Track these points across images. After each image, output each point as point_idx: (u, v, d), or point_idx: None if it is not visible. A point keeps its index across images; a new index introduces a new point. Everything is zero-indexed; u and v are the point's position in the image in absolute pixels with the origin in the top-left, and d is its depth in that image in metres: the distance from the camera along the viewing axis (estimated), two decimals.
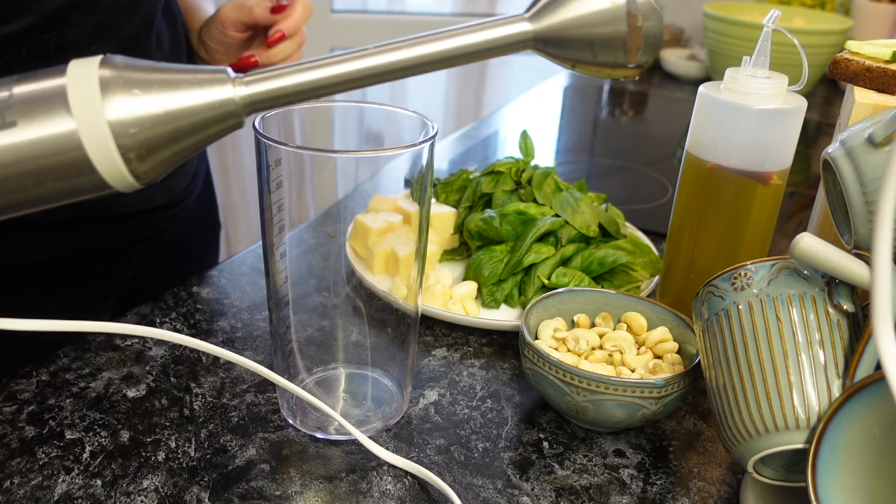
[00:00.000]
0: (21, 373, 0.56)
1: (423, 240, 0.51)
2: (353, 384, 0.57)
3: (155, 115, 0.33)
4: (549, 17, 0.35)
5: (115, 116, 0.32)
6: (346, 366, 0.57)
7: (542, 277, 0.66)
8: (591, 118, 1.34)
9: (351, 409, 0.55)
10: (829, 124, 1.32)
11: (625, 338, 0.55)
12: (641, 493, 0.49)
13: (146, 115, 0.32)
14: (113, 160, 0.32)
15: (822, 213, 0.57)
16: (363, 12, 1.92)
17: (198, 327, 0.63)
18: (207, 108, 0.33)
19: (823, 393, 0.40)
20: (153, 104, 0.33)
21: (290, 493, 0.47)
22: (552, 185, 0.74)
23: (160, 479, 0.47)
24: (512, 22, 0.36)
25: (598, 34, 0.35)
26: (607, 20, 0.35)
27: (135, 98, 0.32)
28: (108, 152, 0.32)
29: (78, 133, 0.32)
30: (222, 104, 0.34)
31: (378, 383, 0.57)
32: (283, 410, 0.54)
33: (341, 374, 0.57)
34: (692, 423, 0.55)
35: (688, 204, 0.61)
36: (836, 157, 0.42)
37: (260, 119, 0.47)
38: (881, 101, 0.53)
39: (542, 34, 0.35)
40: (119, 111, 0.32)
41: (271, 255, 0.49)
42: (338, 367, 0.57)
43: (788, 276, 0.43)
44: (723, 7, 1.49)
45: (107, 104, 0.32)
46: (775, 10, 0.54)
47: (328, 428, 0.52)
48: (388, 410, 0.54)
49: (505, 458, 0.51)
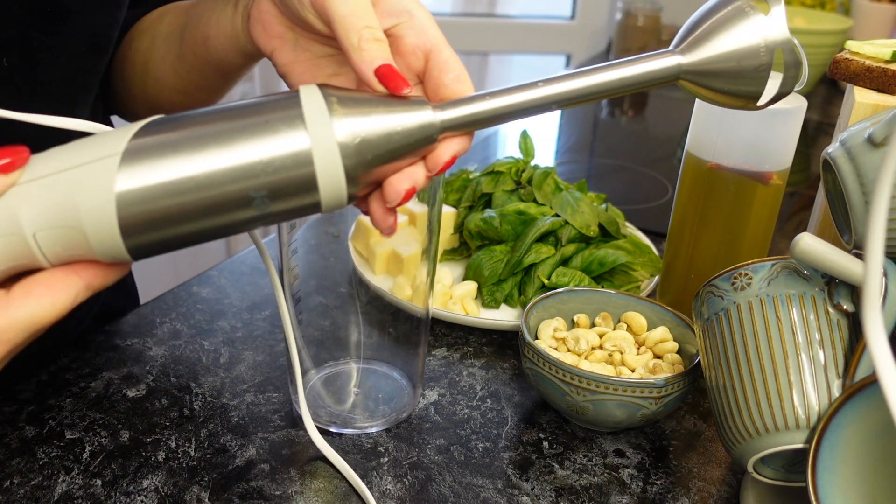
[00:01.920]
0: (21, 373, 0.56)
1: (435, 241, 0.51)
2: (364, 380, 0.58)
3: (372, 137, 0.35)
4: (700, 51, 0.38)
5: (342, 138, 0.34)
6: (356, 361, 0.58)
7: (542, 277, 0.66)
8: (591, 118, 1.34)
9: (361, 403, 0.55)
10: (829, 124, 1.32)
11: (625, 338, 0.55)
12: (641, 492, 0.49)
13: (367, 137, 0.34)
14: (338, 180, 0.34)
15: (822, 213, 0.57)
16: None
17: (198, 327, 0.63)
18: (415, 131, 0.36)
19: (823, 393, 0.40)
20: (371, 125, 0.35)
21: (290, 493, 0.47)
22: (552, 185, 0.74)
23: (160, 479, 0.47)
24: (664, 56, 0.38)
25: (744, 67, 0.37)
26: (754, 54, 0.37)
27: (356, 119, 0.34)
28: (335, 171, 0.34)
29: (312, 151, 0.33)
30: (424, 127, 0.36)
31: (388, 378, 0.57)
32: (293, 403, 0.54)
33: (352, 370, 0.58)
34: (692, 423, 0.55)
35: (688, 204, 0.61)
36: (836, 156, 0.42)
37: None
38: (881, 101, 0.53)
39: (692, 67, 0.38)
40: (343, 134, 0.34)
41: (285, 250, 0.51)
42: (349, 363, 0.58)
43: (788, 276, 0.43)
44: None
45: (336, 125, 0.34)
46: None
47: (339, 422, 0.53)
48: (398, 405, 0.55)
49: (505, 457, 0.51)
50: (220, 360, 0.59)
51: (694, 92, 0.39)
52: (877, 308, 0.31)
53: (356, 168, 0.34)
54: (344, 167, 0.34)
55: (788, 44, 0.37)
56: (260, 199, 0.33)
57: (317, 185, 0.34)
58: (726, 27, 0.37)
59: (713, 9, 0.38)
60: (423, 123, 0.36)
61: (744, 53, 0.37)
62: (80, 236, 0.31)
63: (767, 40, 0.37)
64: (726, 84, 0.38)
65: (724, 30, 0.38)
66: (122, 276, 0.35)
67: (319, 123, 0.33)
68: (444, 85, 0.39)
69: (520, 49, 1.93)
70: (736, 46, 0.37)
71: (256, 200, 0.33)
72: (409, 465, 0.50)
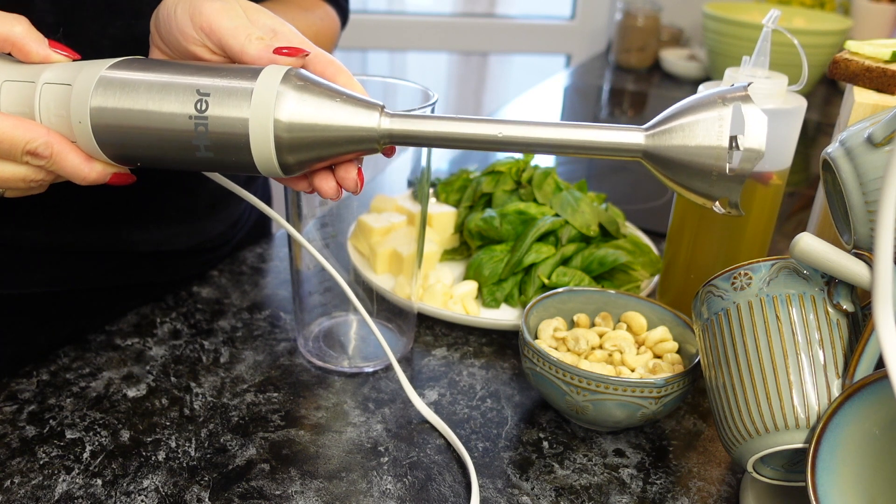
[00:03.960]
0: (21, 372, 0.56)
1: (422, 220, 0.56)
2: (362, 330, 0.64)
3: (310, 123, 0.39)
4: (661, 139, 0.38)
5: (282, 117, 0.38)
6: (355, 313, 0.65)
7: (542, 277, 0.66)
8: (591, 118, 1.34)
9: (360, 349, 0.61)
10: (829, 124, 1.32)
11: (625, 337, 0.55)
12: (641, 492, 0.49)
13: (303, 122, 0.39)
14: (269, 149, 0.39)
15: (821, 213, 0.57)
16: (363, 13, 1.92)
17: (198, 327, 0.63)
18: (351, 130, 0.39)
19: (823, 392, 0.40)
20: (312, 115, 0.39)
21: (290, 492, 0.47)
22: (552, 185, 0.74)
23: (160, 479, 0.47)
24: (631, 130, 0.39)
25: (696, 164, 0.38)
26: (708, 156, 0.37)
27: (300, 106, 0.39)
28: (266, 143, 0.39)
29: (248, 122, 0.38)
30: (363, 129, 0.39)
31: (383, 329, 0.63)
32: (300, 349, 0.60)
33: (352, 321, 0.64)
34: (692, 423, 0.55)
35: (688, 204, 0.61)
36: (835, 156, 0.42)
37: None
38: (881, 101, 0.53)
39: (652, 150, 0.39)
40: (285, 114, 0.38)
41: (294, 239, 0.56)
42: (348, 315, 0.65)
43: (788, 276, 0.43)
44: (723, 7, 1.49)
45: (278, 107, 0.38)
46: (775, 10, 0.54)
47: (341, 363, 0.59)
48: (394, 348, 0.61)
49: (505, 457, 0.51)
50: (220, 360, 0.59)
51: (656, 176, 0.40)
52: (888, 302, 0.31)
53: (289, 145, 0.39)
54: (275, 140, 0.38)
55: (751, 155, 0.37)
56: (203, 147, 0.39)
57: (250, 148, 0.39)
58: (695, 122, 0.38)
59: (695, 104, 0.39)
60: (364, 126, 0.39)
61: (702, 152, 0.37)
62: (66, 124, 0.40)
63: (722, 143, 0.37)
64: (681, 177, 0.38)
65: (692, 124, 0.38)
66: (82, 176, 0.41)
67: (262, 100, 0.38)
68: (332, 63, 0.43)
69: (520, 49, 1.93)
70: (695, 143, 0.37)
71: (200, 148, 0.39)
72: (409, 465, 0.50)
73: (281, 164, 0.39)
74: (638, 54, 1.61)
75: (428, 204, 0.60)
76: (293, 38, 0.44)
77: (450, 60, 2.07)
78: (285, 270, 0.73)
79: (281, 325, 0.64)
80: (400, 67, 2.02)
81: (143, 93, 0.39)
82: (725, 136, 0.37)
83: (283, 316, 0.65)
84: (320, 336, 0.62)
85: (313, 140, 0.39)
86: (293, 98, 0.38)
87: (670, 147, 0.38)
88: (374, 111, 0.39)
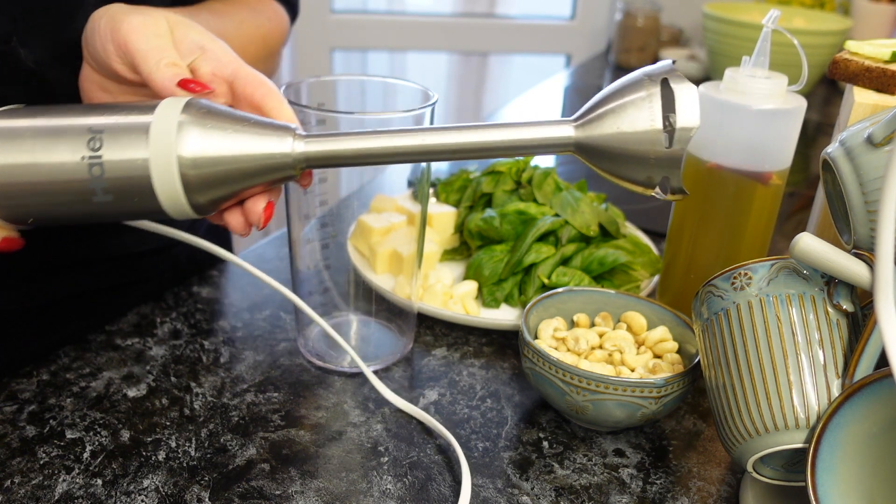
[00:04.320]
0: (21, 372, 0.56)
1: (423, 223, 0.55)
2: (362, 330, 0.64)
3: (217, 156, 0.36)
4: (591, 128, 0.36)
5: (186, 153, 0.35)
6: (355, 313, 0.64)
7: (542, 277, 0.67)
8: None
9: (361, 349, 0.61)
10: (829, 124, 1.32)
11: (624, 337, 0.55)
12: (641, 492, 0.49)
13: (210, 155, 0.35)
14: (175, 189, 0.36)
15: (821, 213, 0.57)
16: (363, 13, 1.92)
17: (198, 327, 0.63)
18: (264, 158, 0.36)
19: (823, 392, 0.41)
20: (219, 147, 0.36)
21: (291, 492, 0.47)
22: (552, 185, 0.74)
23: (161, 479, 0.47)
24: (559, 124, 0.37)
25: (631, 151, 0.36)
26: (643, 140, 0.35)
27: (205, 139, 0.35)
28: (172, 182, 0.35)
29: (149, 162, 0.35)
30: (277, 156, 0.37)
31: (383, 328, 0.63)
32: (301, 349, 0.61)
33: (352, 321, 0.64)
34: (692, 423, 0.55)
35: (687, 204, 0.61)
36: (835, 157, 0.43)
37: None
38: (880, 101, 0.53)
39: (582, 141, 0.37)
40: (189, 149, 0.35)
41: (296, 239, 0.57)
42: (349, 315, 0.64)
43: (788, 276, 0.43)
44: (723, 7, 1.49)
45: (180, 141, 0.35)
46: (775, 10, 0.54)
47: (342, 363, 0.59)
48: (394, 348, 0.61)
49: (505, 457, 0.51)
50: (220, 360, 0.59)
51: (593, 169, 0.38)
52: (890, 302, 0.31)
53: (198, 183, 0.36)
54: (182, 179, 0.35)
55: (687, 133, 0.35)
56: (101, 191, 0.35)
57: (153, 190, 0.35)
58: (625, 105, 0.36)
59: (622, 87, 0.37)
60: (277, 152, 0.37)
61: (636, 138, 0.35)
62: None
63: (655, 127, 0.35)
64: (617, 166, 0.37)
65: (621, 108, 0.36)
66: None
67: (162, 135, 0.35)
68: (256, 104, 0.41)
69: (520, 49, 1.93)
70: (628, 128, 0.36)
71: (97, 192, 0.36)
72: (409, 465, 0.50)
73: (193, 204, 0.36)
74: (638, 54, 1.61)
75: (428, 204, 0.60)
76: (222, 57, 0.42)
77: (450, 60, 2.07)
78: (285, 270, 0.73)
79: (281, 324, 0.64)
80: (400, 67, 2.02)
81: (29, 141, 0.35)
82: (658, 116, 0.35)
83: (283, 316, 0.65)
84: (320, 336, 0.62)
85: (224, 175, 0.36)
86: (196, 131, 0.35)
87: (602, 136, 0.36)
88: (287, 135, 0.37)
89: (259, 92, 0.41)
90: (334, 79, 0.56)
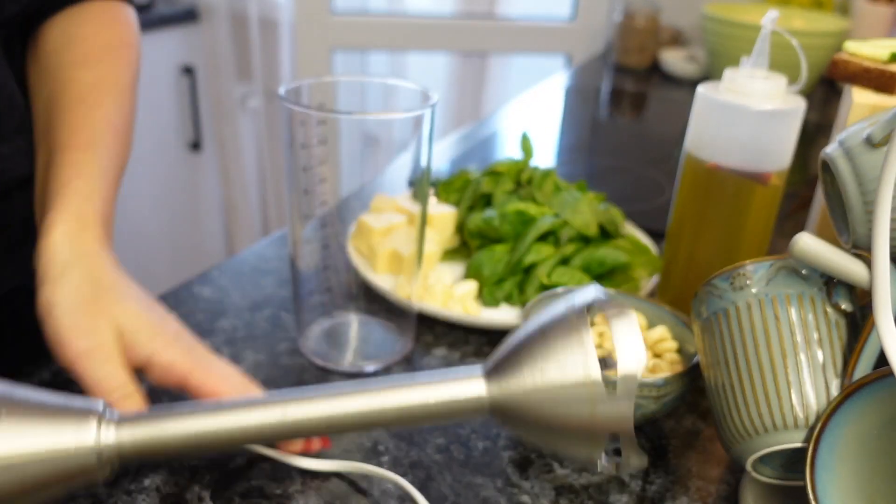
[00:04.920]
0: (22, 372, 0.56)
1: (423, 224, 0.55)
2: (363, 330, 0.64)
3: None
4: (508, 383, 0.26)
5: None
6: (356, 313, 0.65)
7: (542, 277, 0.67)
8: (590, 118, 1.34)
9: (361, 349, 0.62)
10: (828, 125, 1.32)
11: None
12: (640, 491, 0.49)
13: None
14: None
15: (820, 213, 0.57)
16: (363, 14, 1.92)
17: (198, 327, 0.63)
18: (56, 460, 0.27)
19: (822, 392, 0.41)
20: None
21: (291, 491, 0.47)
22: (552, 185, 0.75)
23: (161, 478, 0.48)
24: (467, 379, 0.27)
25: (562, 415, 0.26)
26: (578, 398, 0.25)
27: None
28: None
29: None
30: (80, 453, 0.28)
31: (383, 328, 0.64)
32: (301, 349, 0.61)
33: (352, 321, 0.64)
34: (691, 423, 0.56)
35: (687, 204, 0.61)
36: (834, 157, 0.43)
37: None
38: (879, 101, 0.53)
39: (499, 402, 0.27)
40: None
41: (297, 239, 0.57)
42: (349, 315, 0.65)
43: (787, 276, 0.43)
44: (722, 8, 1.49)
45: None
46: (774, 10, 0.54)
47: (343, 363, 0.59)
48: (394, 348, 0.61)
49: (505, 456, 0.51)
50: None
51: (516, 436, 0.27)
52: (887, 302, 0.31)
53: None
54: None
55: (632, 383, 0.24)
56: None
57: None
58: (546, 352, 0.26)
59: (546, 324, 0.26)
60: (71, 447, 0.28)
61: (563, 394, 0.25)
62: None
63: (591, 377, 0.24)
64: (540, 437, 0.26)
65: (547, 355, 0.26)
66: None
67: None
68: (210, 389, 0.42)
69: (520, 49, 1.93)
70: (551, 380, 0.25)
71: None
72: (409, 465, 0.50)
73: None
74: (637, 55, 1.61)
75: (428, 204, 0.60)
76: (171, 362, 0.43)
77: (450, 61, 2.07)
78: (285, 270, 0.73)
79: (281, 324, 0.64)
80: (400, 68, 2.02)
81: None
82: (592, 362, 0.25)
83: (283, 316, 0.66)
84: (321, 336, 0.62)
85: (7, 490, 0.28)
86: None
87: (523, 392, 0.26)
88: (89, 421, 0.28)
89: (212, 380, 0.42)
90: (334, 80, 0.56)
